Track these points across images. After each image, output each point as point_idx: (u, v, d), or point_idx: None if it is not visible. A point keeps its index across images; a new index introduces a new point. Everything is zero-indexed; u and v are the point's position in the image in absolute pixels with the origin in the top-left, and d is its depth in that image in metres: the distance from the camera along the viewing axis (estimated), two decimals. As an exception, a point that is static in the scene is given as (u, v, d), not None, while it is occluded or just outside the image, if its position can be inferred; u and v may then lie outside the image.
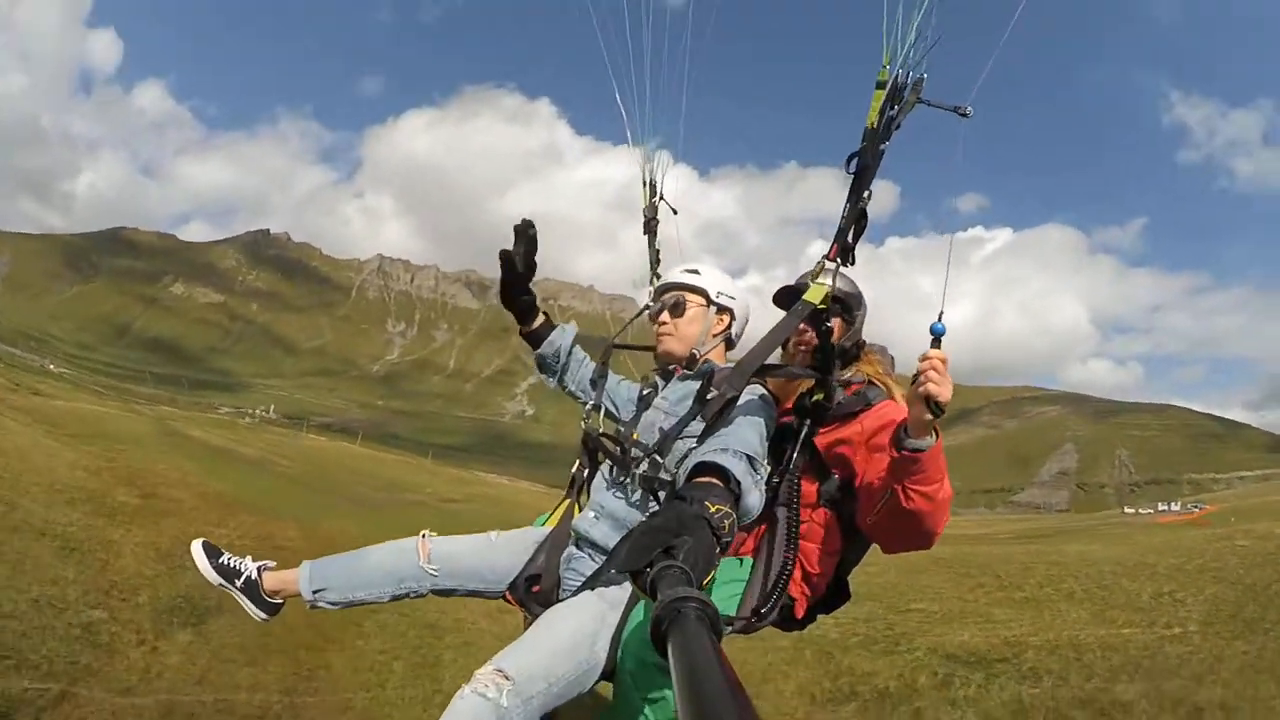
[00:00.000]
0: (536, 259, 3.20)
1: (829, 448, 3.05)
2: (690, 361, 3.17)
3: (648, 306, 3.52)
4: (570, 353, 3.50)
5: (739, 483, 2.21)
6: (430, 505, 36.24)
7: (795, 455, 2.96)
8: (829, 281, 2.82)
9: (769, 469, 2.64)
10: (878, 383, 3.18)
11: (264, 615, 3.13)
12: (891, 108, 2.65)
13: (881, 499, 2.74)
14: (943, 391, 2.42)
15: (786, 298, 3.32)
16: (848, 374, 3.23)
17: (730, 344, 3.34)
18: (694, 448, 2.65)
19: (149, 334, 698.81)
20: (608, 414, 3.44)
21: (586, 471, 3.33)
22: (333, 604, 3.04)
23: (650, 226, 3.91)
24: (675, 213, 3.93)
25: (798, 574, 2.99)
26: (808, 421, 2.98)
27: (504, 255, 3.11)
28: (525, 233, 3.07)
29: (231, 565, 3.15)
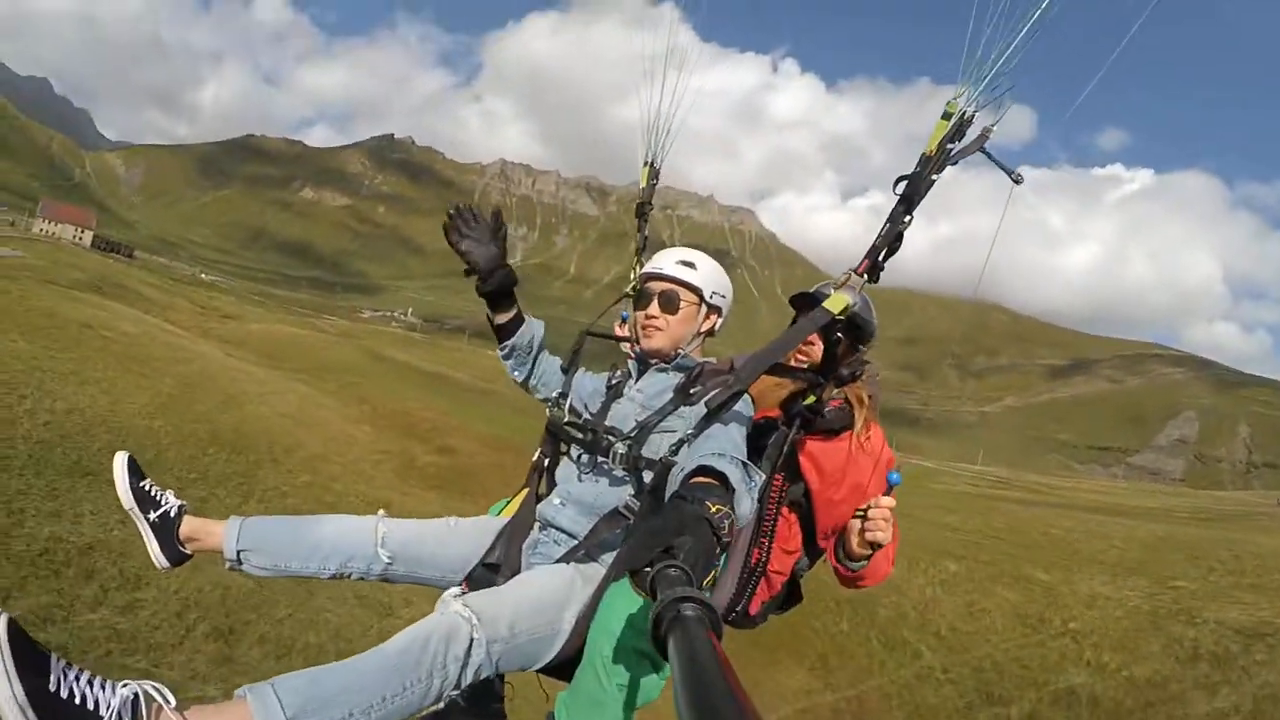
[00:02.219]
0: (505, 238, 3.13)
1: (805, 455, 3.09)
2: (671, 358, 3.08)
3: (628, 295, 3.47)
4: (542, 346, 3.36)
5: (734, 488, 2.18)
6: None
7: (781, 458, 3.02)
8: (852, 296, 2.78)
9: (762, 477, 2.52)
10: (854, 407, 3.17)
11: (166, 563, 2.81)
12: (951, 140, 2.69)
13: (829, 547, 3.13)
14: (886, 539, 2.80)
15: (803, 302, 3.39)
16: (833, 393, 3.18)
17: (711, 335, 3.23)
18: (680, 441, 2.63)
19: (282, 237, 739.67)
20: (571, 406, 3.27)
21: (548, 461, 3.20)
22: (259, 569, 2.79)
23: (642, 210, 3.83)
24: (649, 207, 3.85)
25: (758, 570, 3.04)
26: (795, 425, 3.01)
27: (456, 215, 3.11)
28: (497, 217, 3.10)
29: (151, 494, 2.82)
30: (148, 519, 2.78)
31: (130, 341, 25.76)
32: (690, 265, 3.08)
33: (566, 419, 3.14)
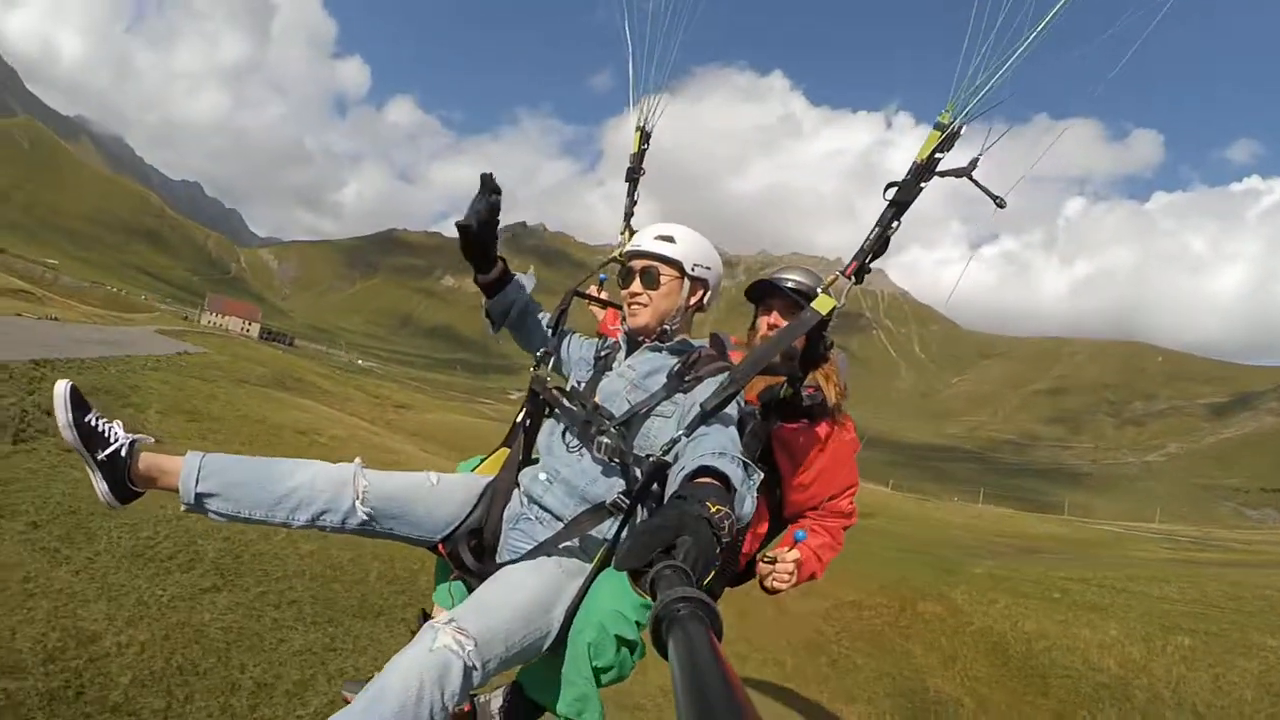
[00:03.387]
0: (499, 201, 2.94)
1: (777, 440, 3.21)
2: (661, 334, 3.05)
3: (615, 259, 3.47)
4: (525, 309, 3.34)
5: (735, 489, 2.14)
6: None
7: (760, 448, 3.02)
8: (840, 297, 2.81)
9: (761, 476, 2.45)
10: (823, 390, 3.27)
11: (116, 502, 2.63)
12: (940, 151, 2.74)
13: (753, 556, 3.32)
14: (783, 588, 3.13)
15: (763, 290, 3.53)
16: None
17: (701, 310, 3.19)
18: (679, 433, 2.56)
19: (428, 323, 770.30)
20: (555, 366, 3.29)
21: (530, 423, 3.12)
22: (219, 515, 2.62)
23: (633, 175, 3.82)
24: (640, 172, 3.84)
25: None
26: (772, 415, 3.07)
27: (462, 225, 2.91)
28: (489, 182, 2.89)
29: (99, 429, 2.59)
30: (95, 458, 2.57)
31: (342, 445, 28.14)
32: (669, 239, 3.03)
33: (552, 383, 3.11)
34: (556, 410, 3.01)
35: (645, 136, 3.83)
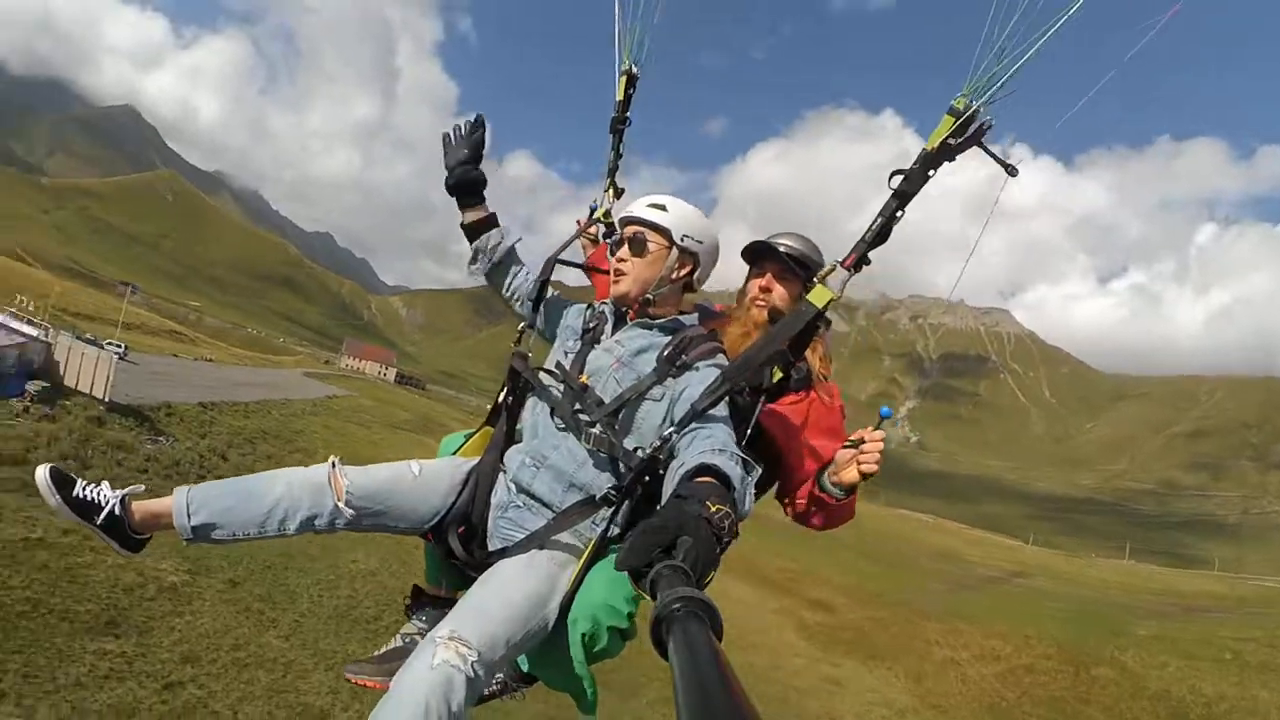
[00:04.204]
0: (483, 140, 3.20)
1: (765, 416, 3.04)
2: (644, 305, 3.00)
3: (598, 221, 3.61)
4: (507, 254, 3.36)
5: (736, 489, 2.11)
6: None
7: (750, 430, 2.87)
8: (838, 288, 2.77)
9: (759, 472, 2.40)
10: (808, 361, 3.16)
11: (127, 552, 2.76)
12: (954, 137, 2.69)
13: (805, 496, 3.09)
14: (875, 470, 2.79)
15: (757, 251, 3.39)
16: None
17: (690, 289, 3.12)
18: (669, 431, 2.52)
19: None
20: (541, 334, 3.30)
21: (512, 400, 3.10)
22: (218, 540, 2.74)
23: (617, 126, 3.76)
24: (626, 119, 3.75)
25: None
26: (762, 398, 2.92)
27: (444, 135, 3.19)
28: (479, 121, 3.15)
29: (89, 498, 2.68)
30: (95, 523, 2.65)
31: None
32: (661, 208, 2.97)
33: (534, 361, 3.10)
34: (540, 390, 2.96)
35: (631, 81, 3.72)
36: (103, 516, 2.64)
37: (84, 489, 2.68)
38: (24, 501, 16.33)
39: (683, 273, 3.02)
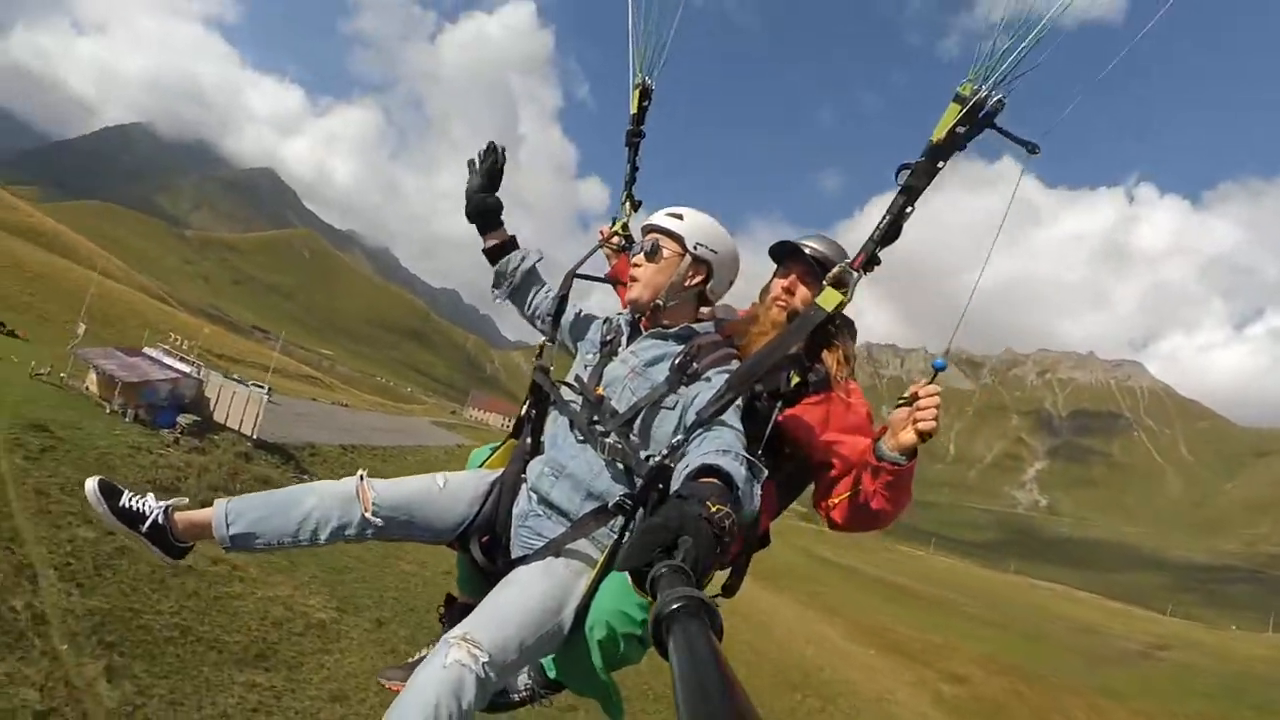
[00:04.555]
0: (502, 170, 3.36)
1: (783, 419, 3.03)
2: (654, 312, 3.04)
3: (617, 233, 3.68)
4: (527, 275, 3.46)
5: (740, 489, 2.14)
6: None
7: (768, 433, 2.88)
8: (848, 292, 2.76)
9: (765, 474, 2.47)
10: (825, 362, 3.13)
11: (172, 560, 2.94)
12: (962, 126, 2.63)
13: (845, 491, 2.94)
14: (936, 427, 2.62)
15: (782, 252, 3.41)
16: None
17: (705, 300, 3.13)
18: (678, 439, 2.57)
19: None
20: (563, 348, 3.37)
21: (535, 414, 3.17)
22: (255, 548, 2.88)
23: (632, 139, 3.80)
24: (640, 132, 3.79)
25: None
26: (779, 402, 2.93)
27: (470, 163, 3.39)
28: (492, 148, 3.32)
29: (135, 509, 2.86)
30: (140, 531, 2.84)
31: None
32: (677, 216, 3.02)
33: (555, 374, 3.15)
34: (560, 402, 3.02)
35: (645, 94, 3.74)
36: (147, 525, 2.85)
37: (130, 499, 2.89)
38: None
39: (695, 280, 3.05)
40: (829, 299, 2.76)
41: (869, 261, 2.78)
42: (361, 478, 2.93)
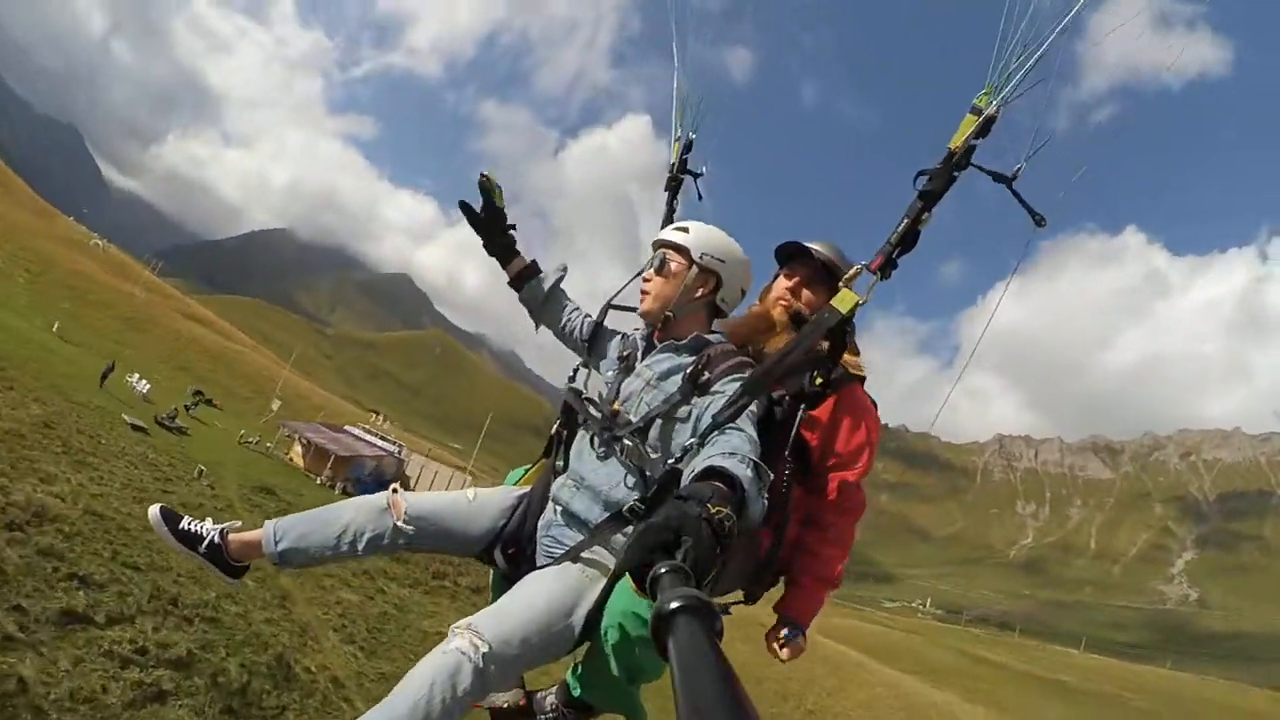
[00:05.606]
0: (502, 204, 3.37)
1: (805, 426, 3.03)
2: (665, 324, 3.09)
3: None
4: (549, 297, 3.51)
5: (745, 491, 2.12)
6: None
7: (792, 439, 2.91)
8: (864, 293, 2.78)
9: (772, 477, 2.45)
10: (846, 368, 3.16)
11: (231, 580, 3.12)
12: (977, 138, 2.64)
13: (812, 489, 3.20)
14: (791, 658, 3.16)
15: (789, 252, 3.47)
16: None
17: (718, 311, 3.19)
18: (690, 442, 2.66)
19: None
20: (598, 371, 3.41)
21: (565, 433, 3.22)
22: (300, 565, 3.03)
23: (671, 185, 3.89)
24: (700, 174, 3.89)
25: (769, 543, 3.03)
26: (803, 404, 2.92)
27: (463, 205, 3.37)
28: (486, 184, 3.30)
29: (193, 531, 3.05)
30: (199, 552, 3.02)
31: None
32: (683, 229, 3.10)
33: (583, 394, 3.20)
34: (583, 419, 3.10)
35: (686, 146, 3.89)
36: (204, 546, 3.02)
37: (189, 524, 3.08)
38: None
39: (704, 290, 3.11)
40: (844, 300, 2.79)
41: (886, 265, 2.78)
42: (394, 490, 3.08)
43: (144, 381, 38.98)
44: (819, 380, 2.84)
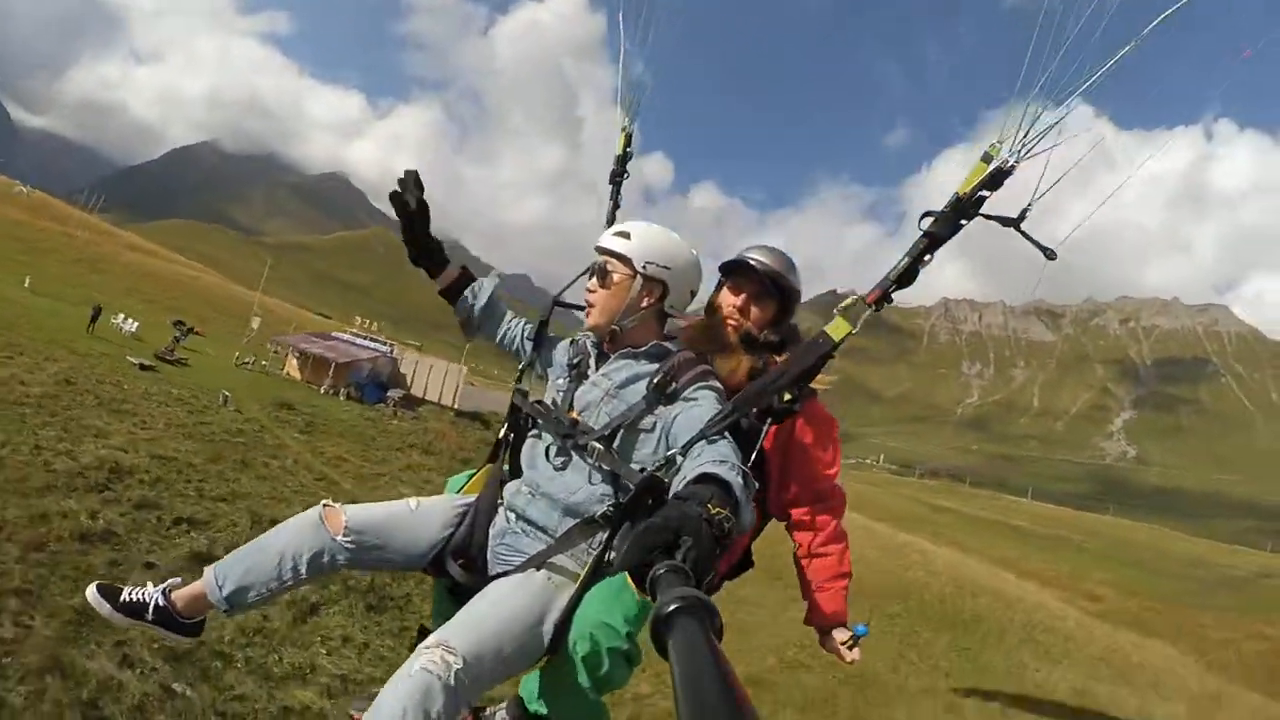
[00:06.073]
0: (426, 200, 3.14)
1: (772, 441, 3.11)
2: (612, 336, 2.96)
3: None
4: (485, 309, 3.37)
5: (738, 498, 2.08)
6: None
7: (755, 452, 2.85)
8: (856, 324, 2.70)
9: (757, 486, 2.39)
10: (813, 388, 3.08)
11: (188, 639, 2.94)
12: (986, 188, 2.55)
13: (806, 535, 3.30)
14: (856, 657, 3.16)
15: (731, 269, 3.37)
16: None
17: (665, 318, 3.05)
18: (672, 453, 2.52)
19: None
20: (541, 374, 3.27)
21: (513, 437, 3.09)
22: (251, 603, 2.81)
23: (616, 178, 3.80)
24: (624, 172, 3.82)
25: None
26: (768, 420, 2.90)
27: (394, 197, 3.10)
28: (411, 178, 3.06)
29: (135, 600, 2.86)
30: (147, 619, 2.84)
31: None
32: (624, 235, 2.93)
33: (532, 398, 3.09)
34: (537, 425, 2.98)
35: (629, 139, 3.85)
36: (151, 613, 2.84)
37: (129, 594, 2.88)
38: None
39: (650, 300, 2.94)
40: (838, 329, 2.74)
41: (881, 299, 2.71)
42: (326, 505, 2.86)
43: (130, 320, 38.44)
44: (788, 398, 2.81)
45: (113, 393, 17.14)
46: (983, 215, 2.59)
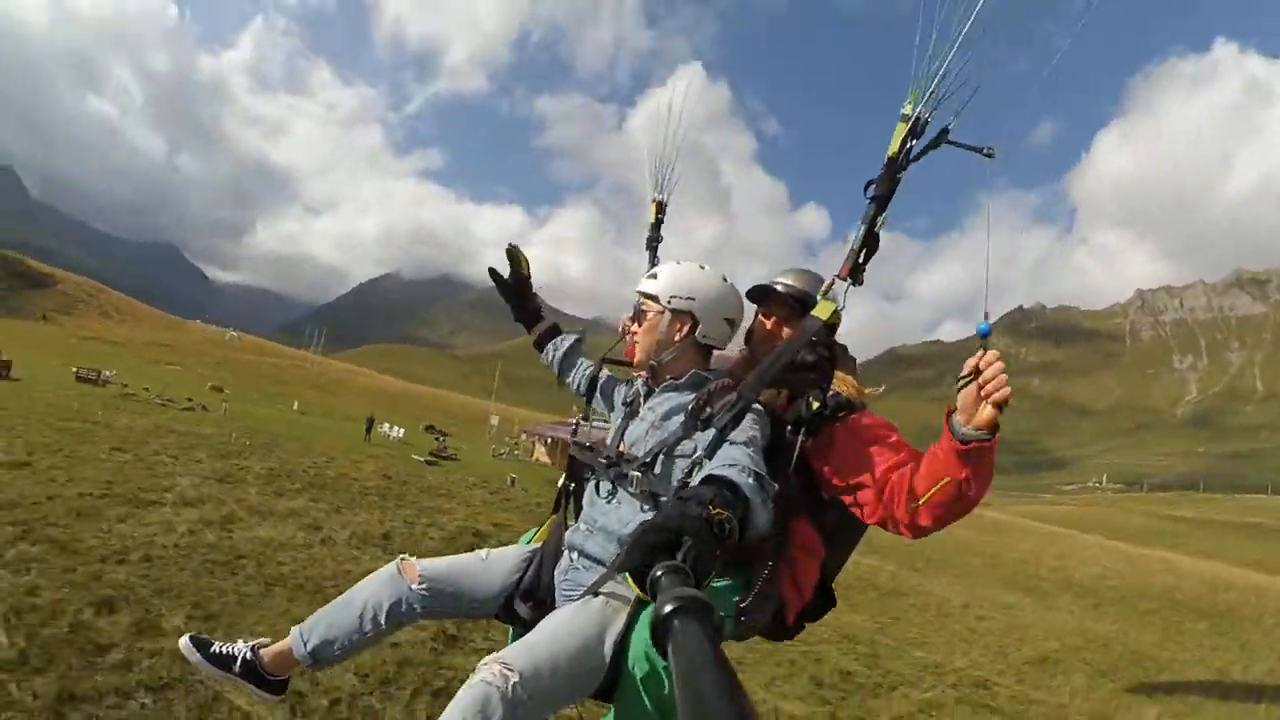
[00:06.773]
0: (528, 272, 3.47)
1: (816, 455, 2.89)
2: (651, 371, 3.04)
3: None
4: (563, 359, 3.62)
5: (747, 498, 2.05)
6: None
7: (793, 464, 2.74)
8: (839, 299, 2.76)
9: (776, 487, 2.35)
10: (848, 393, 2.99)
11: (271, 696, 3.07)
12: (912, 139, 2.68)
13: (927, 490, 2.50)
14: (1009, 394, 2.28)
15: (759, 295, 3.33)
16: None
17: (707, 347, 3.07)
18: (693, 465, 2.53)
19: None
20: (603, 420, 3.38)
21: (573, 486, 3.18)
22: (335, 657, 2.95)
23: (652, 244, 3.88)
24: (658, 238, 3.87)
25: (788, 579, 2.82)
26: (803, 431, 2.80)
27: (492, 272, 3.45)
28: (512, 254, 3.42)
29: (224, 653, 3.00)
30: (234, 672, 2.95)
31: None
32: (653, 276, 3.02)
33: (586, 444, 3.13)
34: (591, 468, 3.01)
35: (660, 208, 3.91)
36: (238, 665, 2.97)
37: (220, 647, 3.04)
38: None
39: (681, 333, 2.98)
40: (823, 309, 2.76)
41: (854, 270, 2.76)
42: (402, 558, 2.99)
43: (397, 428, 45.92)
44: (815, 405, 2.76)
45: (423, 483, 20.14)
46: (915, 159, 2.71)
